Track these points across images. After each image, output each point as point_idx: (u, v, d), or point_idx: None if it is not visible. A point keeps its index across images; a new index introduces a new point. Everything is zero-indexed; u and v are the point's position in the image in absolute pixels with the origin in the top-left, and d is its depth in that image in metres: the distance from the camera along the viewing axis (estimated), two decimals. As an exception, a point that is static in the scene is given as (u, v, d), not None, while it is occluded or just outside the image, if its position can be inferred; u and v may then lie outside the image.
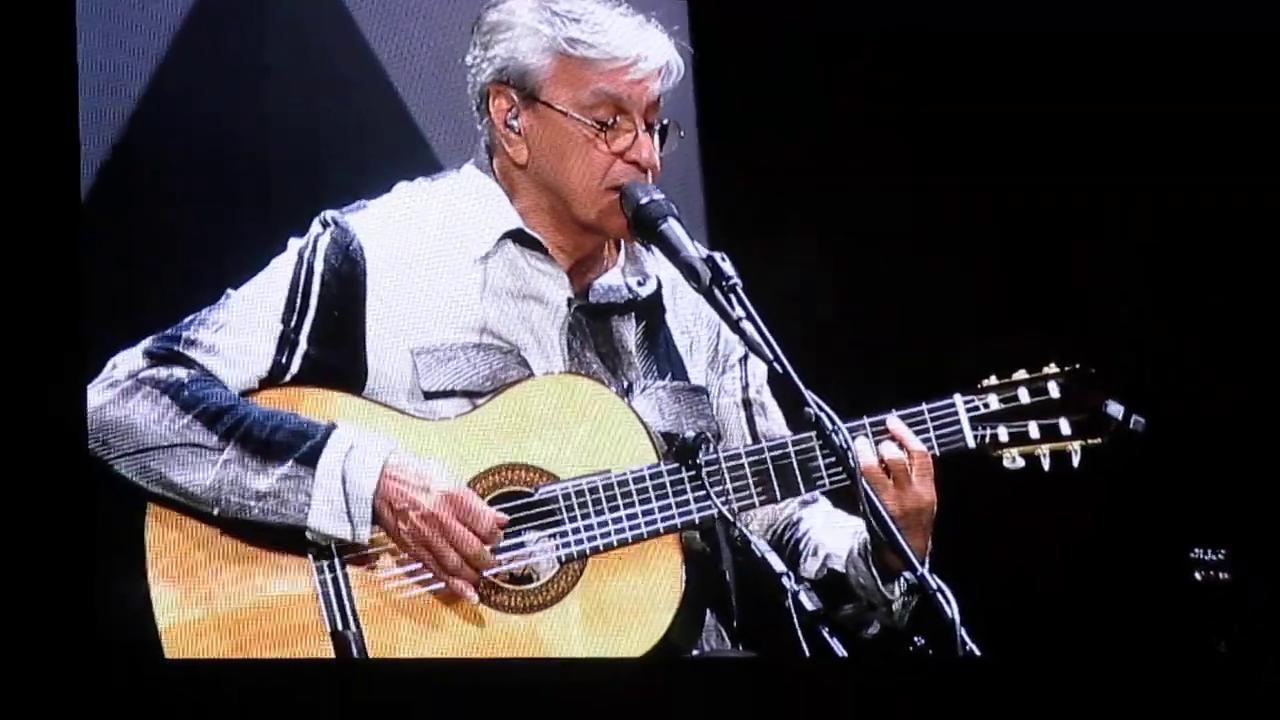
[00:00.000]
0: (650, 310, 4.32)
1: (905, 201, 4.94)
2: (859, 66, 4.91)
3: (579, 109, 4.18)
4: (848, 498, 4.16)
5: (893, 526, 3.95)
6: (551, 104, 4.18)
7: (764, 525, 4.37)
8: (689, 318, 4.34)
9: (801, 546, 4.31)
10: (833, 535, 4.22)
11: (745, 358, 4.31)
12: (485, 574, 4.14)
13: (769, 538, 4.34)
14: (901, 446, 4.16)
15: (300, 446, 4.09)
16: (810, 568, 4.28)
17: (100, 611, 3.99)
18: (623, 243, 4.31)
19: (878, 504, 3.97)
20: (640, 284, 4.29)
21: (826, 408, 3.96)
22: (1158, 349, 5.02)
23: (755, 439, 4.32)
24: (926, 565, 4.12)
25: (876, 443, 4.16)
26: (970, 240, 4.97)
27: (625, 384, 4.27)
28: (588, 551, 4.16)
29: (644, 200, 4.13)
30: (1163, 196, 5.15)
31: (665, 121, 4.22)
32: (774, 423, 4.31)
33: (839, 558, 4.19)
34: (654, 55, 4.18)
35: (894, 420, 4.17)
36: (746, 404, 4.37)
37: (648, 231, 4.14)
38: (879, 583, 4.18)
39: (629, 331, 4.30)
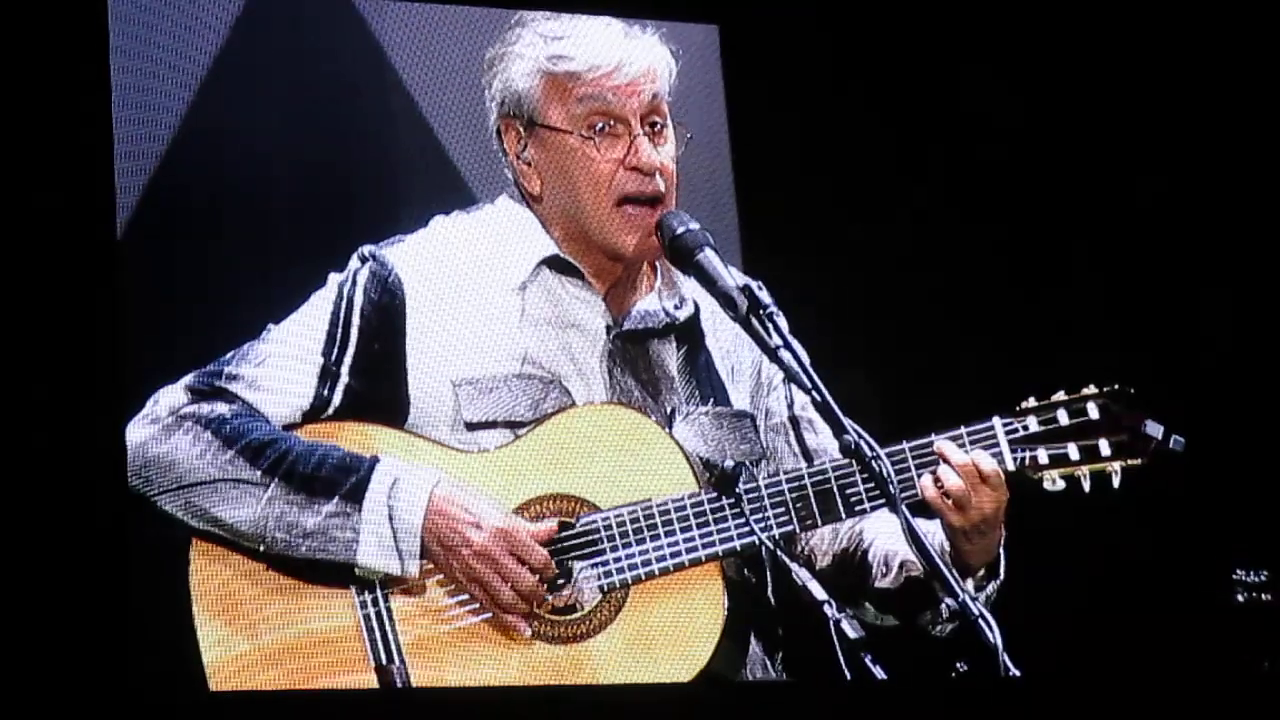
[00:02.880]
0: (689, 334, 4.37)
1: (932, 219, 4.97)
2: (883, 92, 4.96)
3: (571, 122, 4.26)
4: (919, 507, 4.21)
5: (933, 553, 3.96)
6: (548, 124, 4.26)
7: (827, 543, 4.41)
8: (729, 343, 4.39)
9: (870, 558, 4.35)
10: (904, 543, 4.18)
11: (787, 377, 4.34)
12: (541, 603, 4.17)
13: (837, 554, 4.39)
14: (952, 465, 4.18)
15: (345, 482, 4.13)
16: (887, 580, 4.33)
17: (144, 646, 4.05)
18: (659, 267, 4.36)
19: (916, 529, 3.97)
20: (677, 307, 4.34)
21: (865, 435, 3.98)
22: (1200, 369, 5.06)
23: (807, 455, 4.36)
24: (1000, 574, 4.25)
25: (929, 469, 4.21)
26: (1006, 259, 5.03)
27: (667, 410, 4.32)
28: (629, 580, 4.19)
29: (680, 231, 4.20)
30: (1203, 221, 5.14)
31: (669, 124, 4.30)
32: (823, 435, 4.32)
33: (917, 564, 4.22)
34: (637, 59, 4.26)
35: (941, 443, 4.21)
36: (794, 421, 4.40)
37: (684, 262, 4.21)
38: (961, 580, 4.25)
39: (669, 356, 4.35)
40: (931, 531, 4.20)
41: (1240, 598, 4.75)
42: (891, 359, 4.79)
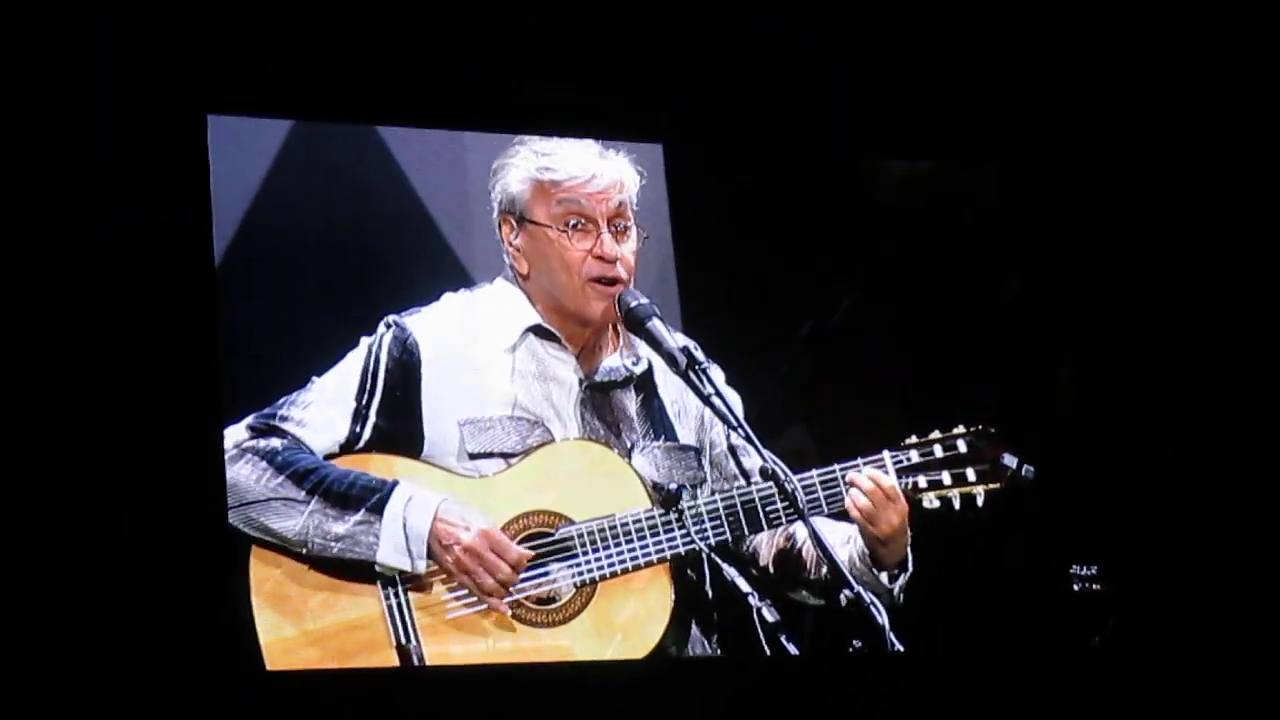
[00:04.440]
0: (645, 385, 4.72)
1: (835, 291, 5.12)
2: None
3: (551, 219, 4.64)
4: (841, 513, 4.60)
5: (833, 555, 4.45)
6: (534, 220, 4.65)
7: (767, 544, 4.73)
8: (677, 391, 4.74)
9: (803, 556, 4.68)
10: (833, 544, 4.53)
11: None
12: (517, 596, 4.53)
13: (777, 551, 4.71)
14: (861, 490, 4.62)
15: (370, 499, 4.49)
16: (820, 572, 4.65)
17: (213, 635, 4.47)
18: (621, 333, 4.70)
19: (821, 536, 4.46)
20: (635, 364, 4.72)
21: (780, 463, 4.51)
22: (1047, 418, 5.25)
23: (744, 474, 4.68)
24: (909, 568, 4.63)
25: (847, 492, 4.61)
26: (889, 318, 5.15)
27: (628, 445, 4.68)
28: (597, 578, 4.58)
29: (633, 305, 4.64)
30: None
31: (632, 226, 4.70)
32: (755, 458, 4.58)
33: (841, 561, 4.51)
34: (607, 173, 4.68)
35: (853, 474, 4.63)
36: (732, 450, 4.72)
37: (637, 329, 4.64)
38: (878, 576, 4.64)
39: (629, 402, 4.71)
40: (854, 536, 4.63)
41: (1076, 588, 5.05)
42: (798, 401, 4.97)
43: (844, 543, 4.68)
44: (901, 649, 4.44)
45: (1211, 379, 5.37)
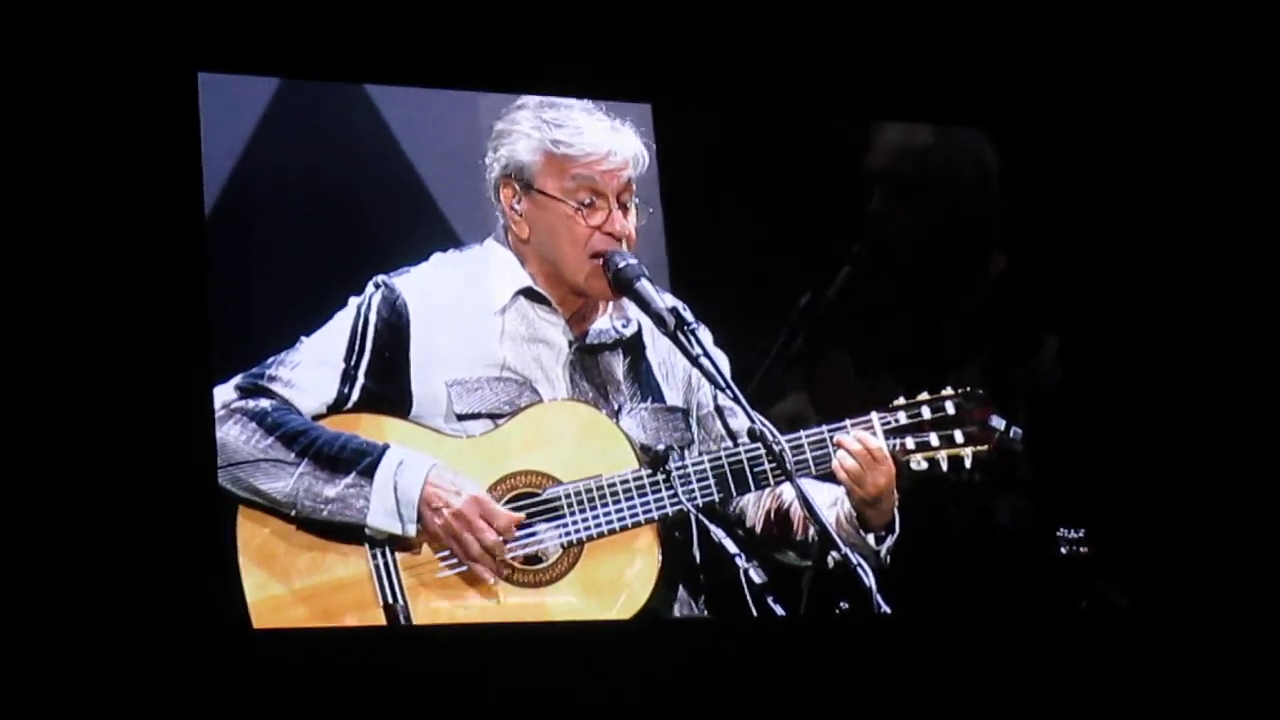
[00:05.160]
0: (634, 347, 4.77)
1: (826, 255, 5.14)
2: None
3: (563, 193, 4.68)
4: (828, 475, 4.65)
5: (821, 517, 4.50)
6: (543, 191, 4.68)
7: (754, 505, 4.77)
8: (665, 353, 4.78)
9: (791, 517, 4.72)
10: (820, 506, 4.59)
11: None
12: (503, 556, 4.57)
13: (765, 512, 4.75)
14: (848, 451, 4.67)
15: (361, 462, 4.53)
16: (807, 533, 4.69)
17: (200, 593, 4.50)
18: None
19: (809, 498, 4.52)
20: (624, 326, 4.75)
21: (768, 424, 4.57)
22: (1034, 379, 5.23)
23: (731, 435, 4.72)
24: (896, 529, 4.70)
25: (835, 453, 4.66)
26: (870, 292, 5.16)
27: (616, 406, 4.72)
28: (584, 538, 4.62)
29: (622, 265, 4.66)
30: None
31: (636, 201, 4.73)
32: (742, 418, 4.64)
33: (828, 523, 4.56)
34: (621, 150, 4.70)
35: (841, 436, 4.68)
36: (719, 410, 4.77)
37: (625, 289, 4.67)
38: (865, 538, 4.70)
39: (617, 364, 4.75)
40: (841, 498, 4.69)
41: (1062, 550, 5.09)
42: (797, 372, 5.00)
43: (831, 504, 4.71)
44: (888, 611, 4.49)
45: (1212, 378, 5.43)
